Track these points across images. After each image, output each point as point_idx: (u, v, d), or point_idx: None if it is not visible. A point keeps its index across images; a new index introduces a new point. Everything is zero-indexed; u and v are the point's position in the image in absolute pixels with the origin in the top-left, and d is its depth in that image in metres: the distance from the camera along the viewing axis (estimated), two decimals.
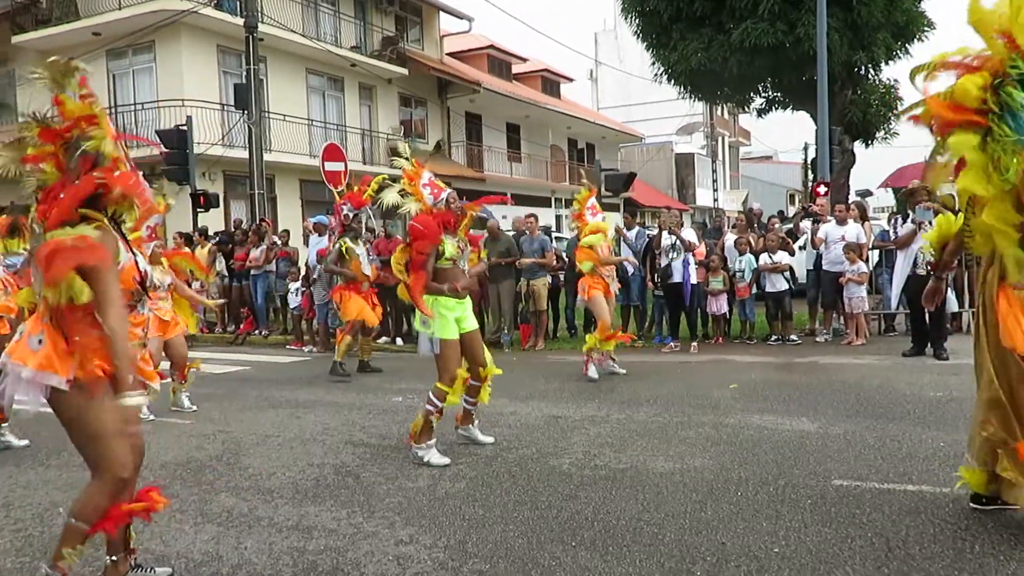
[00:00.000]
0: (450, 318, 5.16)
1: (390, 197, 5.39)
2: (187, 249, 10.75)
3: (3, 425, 5.88)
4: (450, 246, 5.20)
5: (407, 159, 5.43)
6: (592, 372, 8.14)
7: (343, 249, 8.85)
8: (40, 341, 2.90)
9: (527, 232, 11.39)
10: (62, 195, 2.88)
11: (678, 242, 10.24)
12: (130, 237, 3.34)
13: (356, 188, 9.11)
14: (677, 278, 10.32)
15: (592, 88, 47.52)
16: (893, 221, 9.76)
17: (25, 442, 5.88)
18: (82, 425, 2.92)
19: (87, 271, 2.83)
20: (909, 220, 9.01)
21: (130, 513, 3.09)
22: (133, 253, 3.39)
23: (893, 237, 9.48)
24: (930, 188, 7.68)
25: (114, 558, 3.18)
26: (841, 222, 10.26)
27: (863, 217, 10.60)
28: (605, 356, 8.38)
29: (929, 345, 8.72)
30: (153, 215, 5.62)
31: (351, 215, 8.92)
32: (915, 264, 8.72)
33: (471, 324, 5.36)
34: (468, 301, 5.40)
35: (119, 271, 3.01)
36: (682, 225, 10.87)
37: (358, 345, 9.23)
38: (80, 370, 2.88)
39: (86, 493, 3.01)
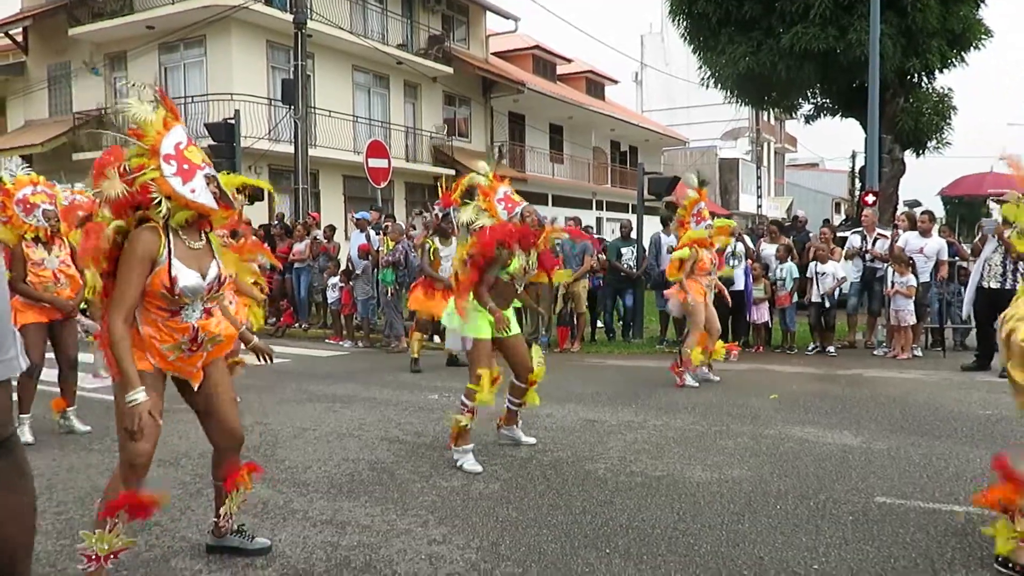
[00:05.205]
0: (484, 319, 5.02)
1: (467, 215, 5.13)
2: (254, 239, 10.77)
3: (68, 410, 5.93)
4: (517, 262, 5.02)
5: (485, 175, 5.22)
6: (689, 380, 7.84)
7: (431, 250, 8.71)
8: None
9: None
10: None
11: (740, 248, 10.07)
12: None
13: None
14: (739, 286, 10.15)
15: (637, 91, 47.39)
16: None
17: (87, 428, 5.93)
18: (117, 412, 3.04)
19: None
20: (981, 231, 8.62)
21: (129, 502, 3.03)
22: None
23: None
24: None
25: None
26: (924, 233, 9.96)
27: (913, 228, 10.34)
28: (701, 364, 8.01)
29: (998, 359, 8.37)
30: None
31: (440, 214, 8.73)
32: (981, 276, 8.28)
33: (513, 328, 5.17)
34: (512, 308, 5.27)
35: (152, 274, 3.00)
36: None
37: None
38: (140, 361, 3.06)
39: (112, 477, 3.15)
